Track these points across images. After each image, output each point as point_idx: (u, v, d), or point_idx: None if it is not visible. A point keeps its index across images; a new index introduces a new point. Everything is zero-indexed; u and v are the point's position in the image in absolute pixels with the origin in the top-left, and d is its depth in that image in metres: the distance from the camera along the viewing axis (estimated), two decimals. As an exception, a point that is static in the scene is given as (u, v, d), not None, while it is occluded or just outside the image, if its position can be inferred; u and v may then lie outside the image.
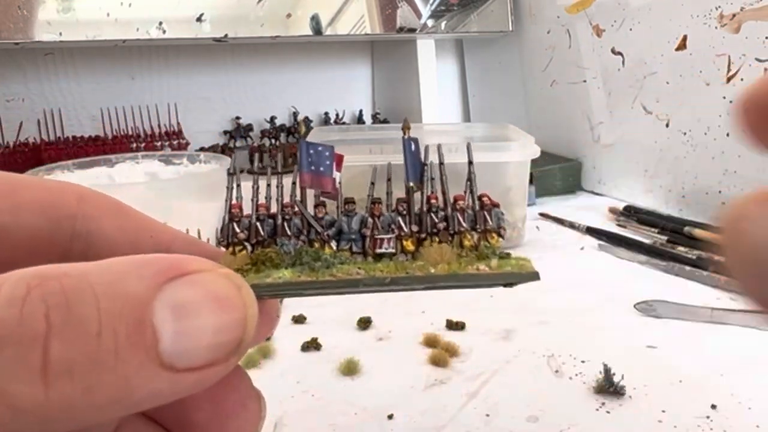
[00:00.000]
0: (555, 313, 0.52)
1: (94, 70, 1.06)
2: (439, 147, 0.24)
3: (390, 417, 0.38)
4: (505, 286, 0.21)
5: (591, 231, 0.73)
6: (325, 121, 1.19)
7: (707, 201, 0.75)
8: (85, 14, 0.85)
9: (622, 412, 0.38)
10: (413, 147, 0.23)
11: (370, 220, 0.22)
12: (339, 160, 0.23)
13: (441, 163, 0.24)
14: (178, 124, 1.07)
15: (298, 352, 0.46)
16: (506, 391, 0.40)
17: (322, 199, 0.22)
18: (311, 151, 0.23)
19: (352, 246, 0.22)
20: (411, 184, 0.23)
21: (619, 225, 0.76)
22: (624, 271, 0.62)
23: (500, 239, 0.22)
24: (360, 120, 1.22)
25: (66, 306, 0.13)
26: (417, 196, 0.23)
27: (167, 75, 1.10)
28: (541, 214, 0.81)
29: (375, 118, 1.23)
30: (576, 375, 0.42)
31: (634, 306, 0.52)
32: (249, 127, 1.13)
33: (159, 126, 1.06)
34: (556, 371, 0.43)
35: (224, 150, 1.08)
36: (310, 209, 0.22)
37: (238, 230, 0.21)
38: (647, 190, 0.84)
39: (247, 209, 0.23)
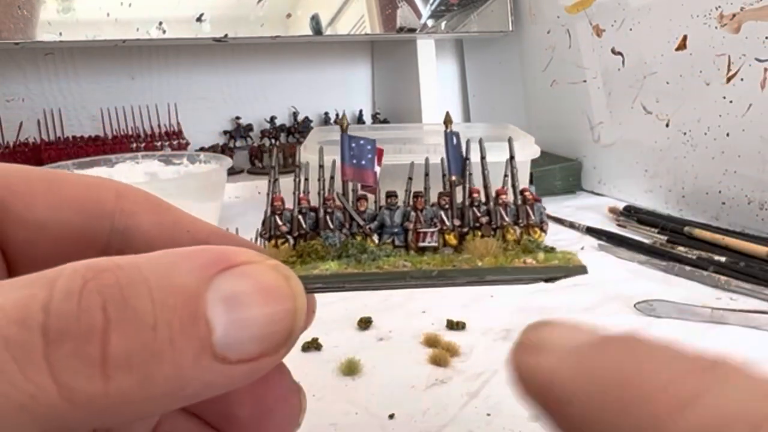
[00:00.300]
0: (555, 313, 0.52)
1: (94, 70, 1.06)
2: (480, 141, 0.24)
3: (391, 417, 0.38)
4: (546, 281, 0.21)
5: (591, 231, 0.73)
6: (325, 121, 1.19)
7: (707, 201, 0.75)
8: (85, 14, 0.85)
9: (622, 411, 0.38)
10: (455, 141, 0.23)
11: (413, 213, 0.22)
12: (380, 154, 0.23)
13: (483, 158, 0.24)
14: (178, 124, 1.07)
15: (298, 352, 0.46)
16: (507, 391, 0.40)
17: (362, 192, 0.22)
18: (353, 145, 0.22)
19: (395, 239, 0.21)
20: (453, 178, 0.23)
21: (619, 225, 0.76)
22: (624, 271, 0.62)
23: (543, 234, 0.22)
24: (360, 120, 1.22)
25: (122, 299, 0.13)
26: (458, 190, 0.23)
27: (167, 75, 1.10)
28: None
29: (375, 118, 1.24)
30: (576, 375, 0.42)
31: (634, 306, 0.52)
32: (249, 127, 1.13)
33: (159, 126, 1.06)
34: (557, 371, 0.43)
35: (224, 150, 1.08)
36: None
37: (280, 223, 0.21)
38: (647, 190, 0.84)
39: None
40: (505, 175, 0.24)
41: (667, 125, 0.80)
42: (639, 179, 0.86)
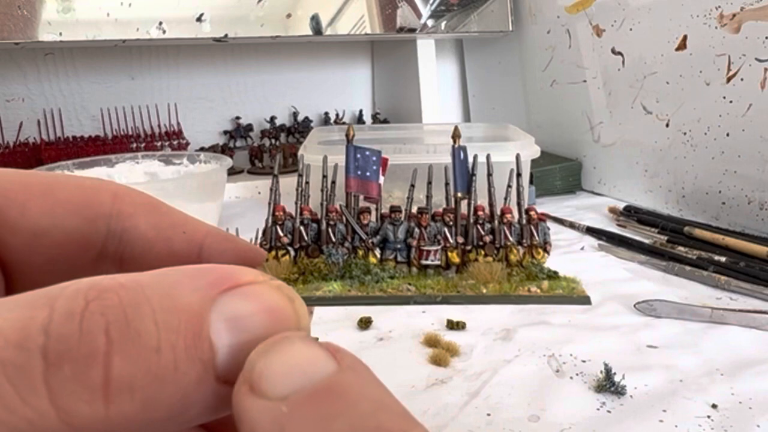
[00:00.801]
0: (555, 312, 0.52)
1: (94, 70, 1.06)
2: (488, 157, 0.24)
3: (391, 417, 0.37)
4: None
5: (591, 231, 0.73)
6: (325, 121, 1.19)
7: (707, 201, 0.75)
8: (85, 14, 0.85)
9: (622, 411, 0.38)
10: (462, 155, 0.23)
11: (417, 230, 0.21)
12: (384, 164, 0.23)
13: (489, 175, 0.23)
14: (178, 124, 1.07)
15: (298, 352, 0.46)
16: (507, 391, 0.40)
17: (365, 204, 0.22)
18: (358, 156, 0.22)
19: (397, 255, 0.21)
20: (459, 194, 0.22)
21: (619, 225, 0.76)
22: (624, 271, 0.62)
23: (546, 255, 0.22)
24: (360, 120, 1.22)
25: (125, 320, 0.12)
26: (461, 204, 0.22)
27: (167, 75, 1.10)
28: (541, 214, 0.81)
29: (375, 118, 1.24)
30: (577, 374, 0.42)
31: (634, 306, 0.52)
32: (249, 127, 1.13)
33: (159, 126, 1.06)
34: (557, 371, 0.43)
35: (224, 150, 1.08)
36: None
37: (281, 234, 0.21)
38: (647, 190, 0.84)
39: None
40: (509, 186, 0.23)
41: (667, 125, 0.80)
42: (639, 179, 0.86)
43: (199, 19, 0.90)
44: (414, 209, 0.22)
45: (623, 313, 0.52)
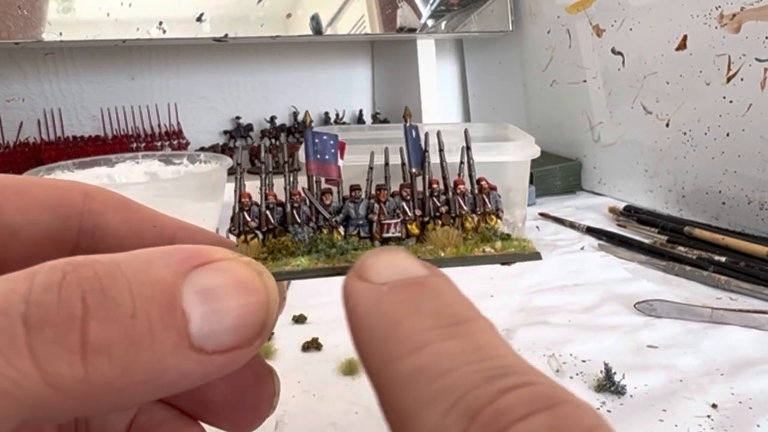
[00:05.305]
0: (555, 313, 0.52)
1: (94, 70, 1.06)
2: (438, 134, 0.25)
3: (390, 417, 0.38)
4: (502, 264, 0.22)
5: (591, 231, 0.73)
6: (325, 121, 1.19)
7: (707, 201, 0.75)
8: (85, 14, 0.85)
9: (622, 411, 0.38)
10: (414, 134, 0.24)
11: (376, 205, 0.23)
12: (342, 147, 0.24)
13: (441, 149, 0.24)
14: (178, 124, 1.07)
15: (298, 352, 0.46)
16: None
17: (327, 186, 0.23)
18: (316, 140, 0.23)
19: (360, 231, 0.22)
20: (413, 169, 0.23)
21: (619, 225, 0.76)
22: (624, 271, 0.62)
23: (499, 221, 0.23)
24: (360, 120, 1.22)
25: (101, 290, 0.13)
26: (418, 180, 0.24)
27: (167, 75, 1.10)
28: (541, 214, 0.81)
29: (375, 118, 1.23)
30: (577, 374, 0.42)
31: (635, 306, 0.52)
32: (249, 127, 1.13)
33: (159, 126, 1.06)
34: (557, 370, 0.43)
35: (224, 150, 1.08)
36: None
37: (248, 219, 0.22)
38: (647, 190, 0.84)
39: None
40: (461, 163, 0.25)
41: (667, 125, 0.80)
42: (639, 179, 0.86)
43: (199, 19, 0.90)
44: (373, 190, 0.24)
45: (623, 313, 0.52)
